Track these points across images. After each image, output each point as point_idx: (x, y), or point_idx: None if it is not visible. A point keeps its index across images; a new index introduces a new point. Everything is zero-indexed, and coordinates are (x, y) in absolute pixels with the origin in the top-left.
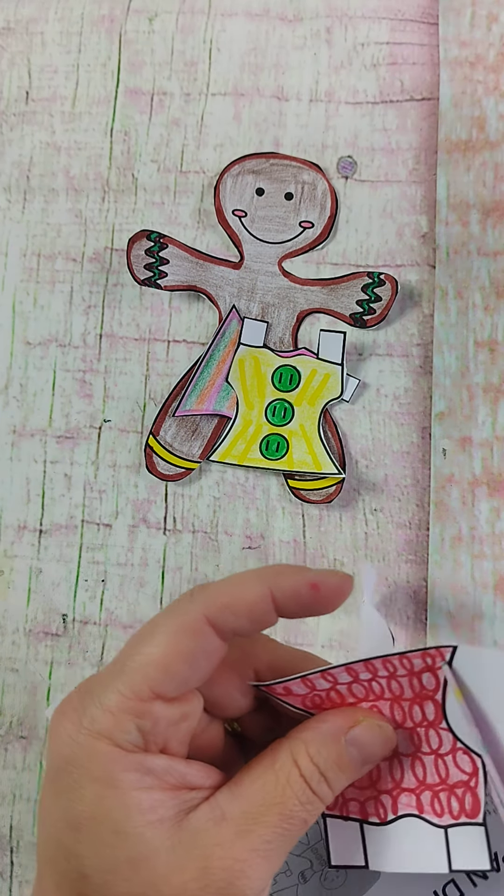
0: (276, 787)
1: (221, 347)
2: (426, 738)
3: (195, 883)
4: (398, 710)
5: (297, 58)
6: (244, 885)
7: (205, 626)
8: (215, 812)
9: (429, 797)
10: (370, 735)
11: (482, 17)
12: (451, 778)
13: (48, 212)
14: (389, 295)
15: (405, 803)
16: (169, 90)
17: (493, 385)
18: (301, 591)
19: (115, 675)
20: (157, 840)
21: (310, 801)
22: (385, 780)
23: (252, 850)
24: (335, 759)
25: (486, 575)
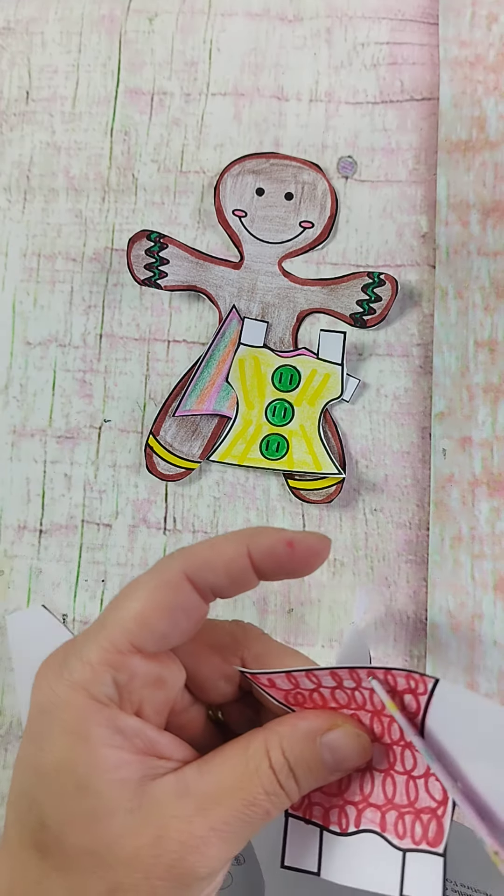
0: (245, 773)
1: (221, 347)
2: (401, 758)
3: (148, 850)
4: (377, 723)
5: (297, 58)
6: (197, 861)
7: (183, 582)
8: (180, 784)
9: (394, 817)
10: (346, 741)
11: (482, 17)
12: (419, 802)
13: (48, 212)
14: (389, 295)
15: (369, 818)
16: (169, 90)
17: (493, 385)
18: (277, 549)
19: (97, 630)
20: (117, 799)
21: (275, 794)
22: (353, 791)
23: (210, 828)
24: (307, 758)
25: (486, 575)
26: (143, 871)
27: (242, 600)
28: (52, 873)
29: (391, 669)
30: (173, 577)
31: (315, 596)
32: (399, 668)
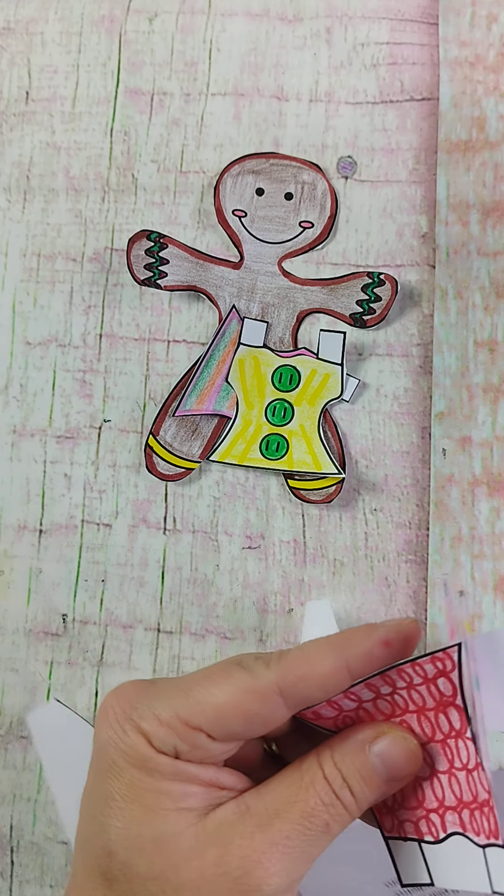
0: (300, 787)
1: (221, 347)
2: (457, 752)
3: (213, 868)
4: (426, 721)
5: (297, 58)
6: (261, 876)
7: (274, 696)
8: (240, 807)
9: (468, 815)
10: (394, 747)
11: (482, 17)
12: (479, 796)
13: (48, 212)
14: (389, 295)
15: (451, 821)
16: (169, 90)
17: (493, 385)
18: (374, 653)
19: (177, 694)
20: (182, 825)
21: (332, 804)
22: (430, 799)
23: (271, 843)
24: (359, 768)
25: (486, 575)
26: (208, 891)
27: (242, 600)
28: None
29: (416, 660)
30: (266, 688)
31: (315, 596)
32: (422, 655)
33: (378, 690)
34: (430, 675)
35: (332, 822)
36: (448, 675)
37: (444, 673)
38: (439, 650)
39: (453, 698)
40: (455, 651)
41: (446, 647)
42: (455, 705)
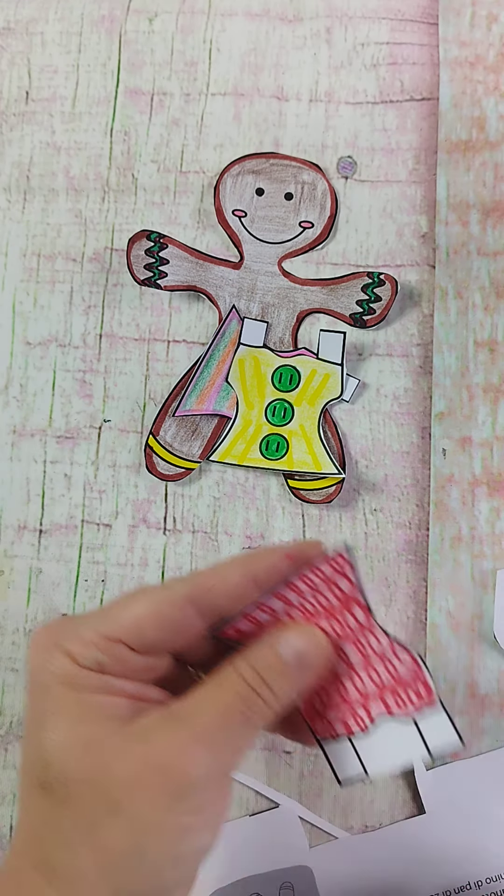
0: (218, 687)
1: (221, 347)
2: (369, 644)
3: (139, 765)
4: (335, 622)
5: (296, 58)
6: (184, 767)
7: (187, 605)
8: (164, 712)
9: (391, 697)
10: (300, 638)
11: (482, 17)
12: (401, 675)
13: (48, 212)
14: (389, 295)
15: (376, 710)
16: (169, 90)
17: (493, 385)
18: (278, 565)
19: (97, 617)
20: (110, 730)
21: (248, 697)
22: (353, 694)
23: (192, 736)
24: (272, 663)
25: (486, 575)
26: (139, 786)
27: None
28: (57, 808)
29: (315, 566)
30: (178, 598)
31: None
32: (320, 560)
33: (287, 600)
34: (328, 576)
35: (250, 713)
36: (345, 574)
37: (342, 572)
38: (331, 554)
39: (353, 595)
40: (345, 551)
41: (338, 552)
42: (357, 602)
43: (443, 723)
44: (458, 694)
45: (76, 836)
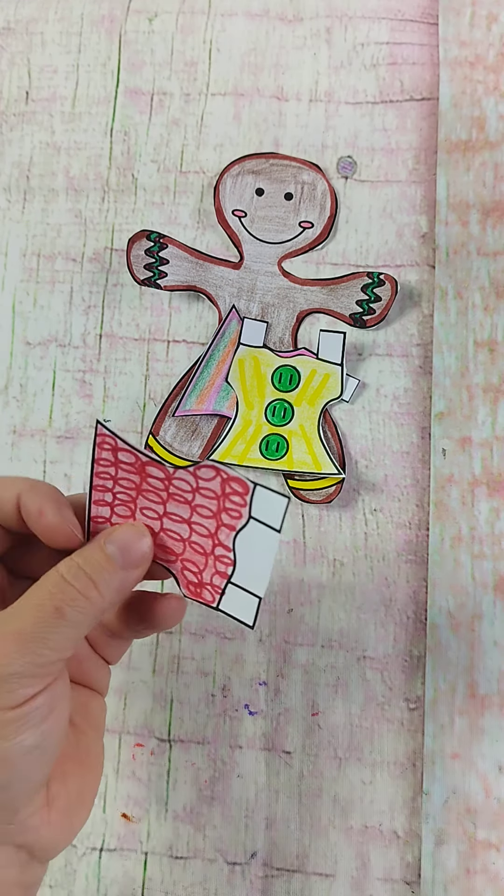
0: (36, 588)
1: (221, 347)
2: (180, 490)
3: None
4: (151, 494)
5: (296, 58)
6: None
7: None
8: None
9: (227, 517)
10: (123, 531)
11: (482, 17)
12: (217, 490)
13: (48, 212)
14: (389, 295)
15: (224, 537)
16: (169, 90)
17: (493, 385)
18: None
19: None
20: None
21: (62, 591)
22: (206, 543)
23: (6, 633)
24: (97, 558)
25: (486, 575)
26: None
27: None
28: None
29: (97, 457)
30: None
31: (315, 596)
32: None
33: (104, 499)
34: (111, 460)
35: (65, 606)
36: (118, 449)
37: (115, 448)
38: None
39: (138, 459)
40: (98, 427)
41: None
42: (145, 462)
43: (265, 496)
44: (458, 694)
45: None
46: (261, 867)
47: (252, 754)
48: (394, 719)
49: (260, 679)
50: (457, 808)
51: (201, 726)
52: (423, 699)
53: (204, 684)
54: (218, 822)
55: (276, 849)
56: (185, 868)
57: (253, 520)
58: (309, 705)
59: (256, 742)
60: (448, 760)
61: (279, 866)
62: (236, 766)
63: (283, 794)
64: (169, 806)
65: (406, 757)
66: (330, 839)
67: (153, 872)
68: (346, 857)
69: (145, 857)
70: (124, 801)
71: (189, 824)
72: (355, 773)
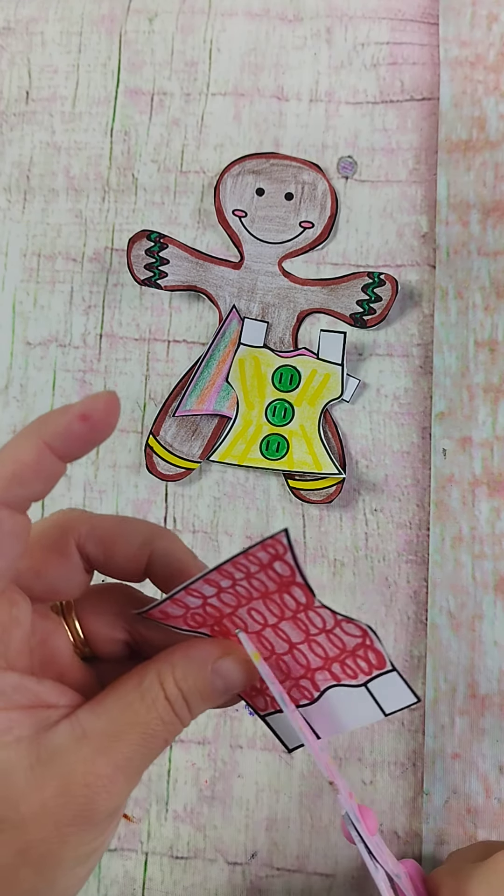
0: (141, 707)
1: (221, 347)
2: (310, 622)
3: (55, 800)
4: (272, 604)
5: (297, 58)
6: (105, 801)
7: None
8: (76, 729)
9: (339, 667)
10: (235, 667)
11: (482, 16)
12: (347, 646)
13: (48, 212)
14: (389, 295)
15: (322, 679)
16: (169, 90)
17: (494, 385)
18: (72, 428)
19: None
20: (14, 759)
21: (171, 722)
22: (296, 669)
23: (114, 766)
24: (200, 687)
25: (487, 575)
26: (52, 823)
27: None
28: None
29: (248, 550)
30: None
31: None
32: (253, 545)
33: (219, 585)
34: (265, 562)
35: (168, 737)
36: (282, 558)
37: (278, 557)
38: (266, 538)
39: (292, 578)
40: (283, 536)
41: (272, 536)
42: (296, 583)
43: (397, 684)
44: (459, 694)
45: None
46: (261, 867)
47: (252, 754)
48: (394, 719)
49: None
50: (457, 809)
51: (202, 726)
52: (423, 699)
53: None
54: (218, 822)
55: (277, 849)
56: (185, 868)
57: (366, 690)
58: None
59: (257, 742)
60: (448, 760)
61: (279, 866)
62: (237, 767)
63: (284, 795)
64: (169, 806)
65: (406, 757)
66: (330, 839)
67: (153, 872)
68: (346, 858)
69: (146, 857)
70: None
71: (189, 824)
72: (356, 773)
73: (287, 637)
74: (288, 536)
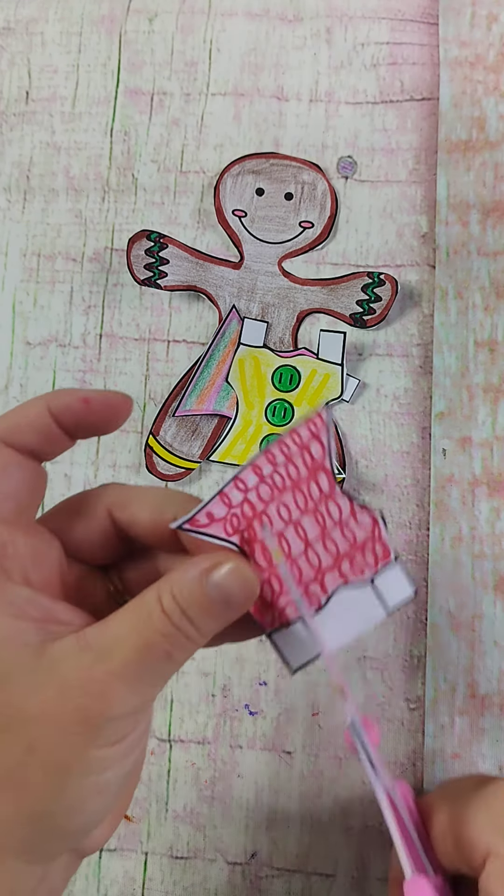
0: (139, 619)
1: (221, 347)
2: (328, 513)
3: (54, 702)
4: (299, 495)
5: (297, 58)
6: (103, 705)
7: (2, 447)
8: (80, 641)
9: (347, 564)
10: (229, 577)
11: (482, 17)
12: (358, 538)
13: (48, 212)
14: (389, 295)
15: (331, 581)
16: (169, 90)
17: (493, 385)
18: (73, 406)
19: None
20: (18, 662)
21: (171, 635)
22: (308, 573)
23: (110, 672)
24: (197, 598)
25: (487, 575)
26: (54, 723)
27: None
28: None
29: (294, 428)
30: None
31: None
32: (299, 423)
33: (261, 472)
34: (304, 440)
35: (173, 650)
36: (318, 437)
37: (316, 435)
38: (312, 413)
39: (322, 461)
40: (324, 411)
41: (318, 410)
42: (324, 468)
43: (397, 578)
44: (459, 694)
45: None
46: (261, 867)
47: (252, 754)
48: (394, 719)
49: (260, 679)
50: None
51: (201, 726)
52: (423, 699)
53: (204, 684)
54: (218, 822)
55: (277, 849)
56: (185, 868)
57: (372, 587)
58: (309, 705)
59: (257, 742)
60: (448, 761)
61: (279, 866)
62: (236, 767)
63: (284, 795)
64: (169, 806)
65: (406, 757)
66: (330, 839)
67: (153, 872)
68: (346, 857)
69: (145, 857)
70: None
71: (189, 824)
72: (356, 773)
73: (304, 535)
74: (328, 412)
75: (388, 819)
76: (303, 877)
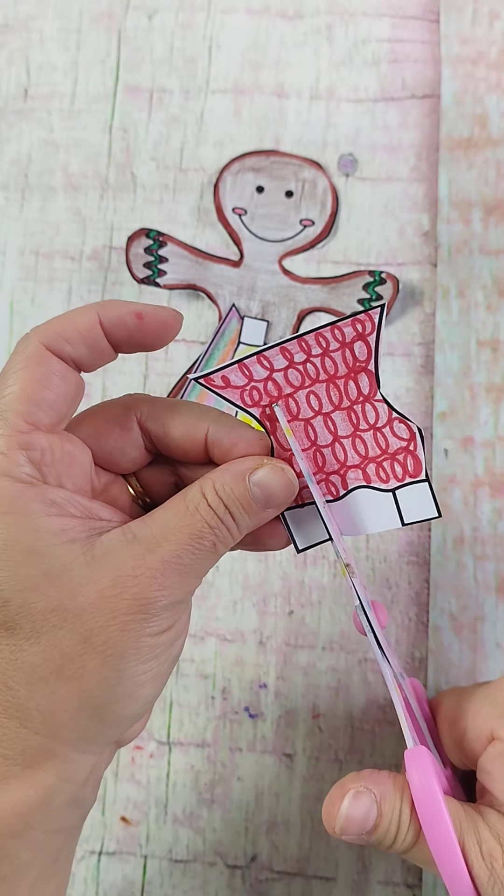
0: (186, 513)
1: (221, 346)
2: (363, 415)
3: (109, 591)
4: (334, 390)
5: (297, 55)
6: (155, 590)
7: (46, 354)
8: (127, 535)
9: (374, 468)
10: (271, 477)
11: (484, 14)
12: (391, 447)
13: (46, 210)
14: (391, 294)
15: (353, 478)
16: (168, 87)
17: (496, 385)
18: (126, 319)
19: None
20: (70, 556)
21: (216, 527)
22: (331, 463)
23: (163, 560)
24: (238, 496)
25: (489, 576)
26: (109, 611)
27: (242, 602)
28: (23, 645)
29: (337, 322)
30: (35, 351)
31: (315, 598)
32: (341, 318)
33: (291, 357)
34: (348, 339)
35: (217, 542)
36: (366, 339)
37: (363, 336)
38: (360, 312)
39: (366, 363)
40: (377, 312)
41: (368, 310)
42: (367, 370)
43: (424, 495)
44: None
45: (48, 671)
46: (261, 870)
47: (252, 757)
48: (395, 722)
49: (260, 682)
50: None
51: (201, 729)
52: None
53: (204, 687)
54: (218, 825)
55: (277, 852)
56: (184, 871)
57: (392, 495)
58: (309, 708)
59: (257, 745)
60: None
61: (279, 869)
62: (236, 769)
63: (284, 797)
64: (168, 809)
65: None
66: (331, 842)
67: (153, 876)
68: (346, 861)
69: (145, 860)
70: (123, 805)
71: (189, 828)
72: None
73: (334, 429)
74: (382, 313)
75: (392, 694)
76: (303, 880)
